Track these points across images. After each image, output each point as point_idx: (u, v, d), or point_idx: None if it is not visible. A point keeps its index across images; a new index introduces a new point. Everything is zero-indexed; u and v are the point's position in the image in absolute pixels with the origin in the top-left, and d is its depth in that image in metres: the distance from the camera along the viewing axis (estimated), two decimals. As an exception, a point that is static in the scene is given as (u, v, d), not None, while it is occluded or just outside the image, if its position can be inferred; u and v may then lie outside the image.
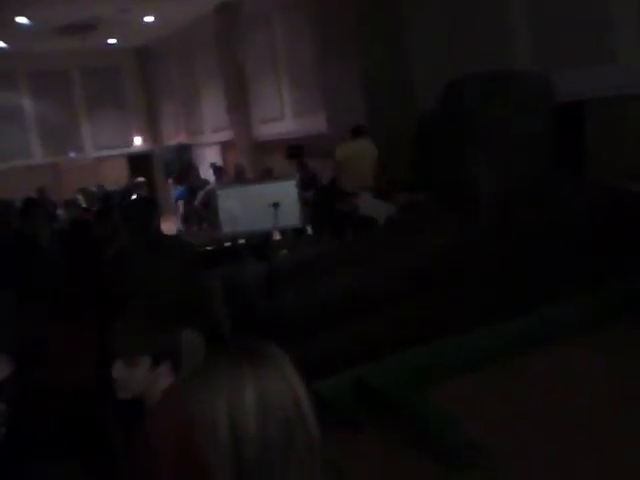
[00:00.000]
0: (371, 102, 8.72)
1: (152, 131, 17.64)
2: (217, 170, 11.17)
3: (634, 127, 6.58)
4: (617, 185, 5.44)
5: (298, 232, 7.16)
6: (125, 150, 17.17)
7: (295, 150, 9.82)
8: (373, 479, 2.98)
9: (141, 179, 11.12)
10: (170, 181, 13.35)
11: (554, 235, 4.61)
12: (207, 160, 14.09)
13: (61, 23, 12.23)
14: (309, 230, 7.59)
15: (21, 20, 11.72)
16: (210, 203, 8.63)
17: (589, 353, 4.05)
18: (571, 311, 4.41)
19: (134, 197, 9.29)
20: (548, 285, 4.43)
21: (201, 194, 10.69)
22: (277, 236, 7.21)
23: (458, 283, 4.35)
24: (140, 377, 1.84)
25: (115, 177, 15.10)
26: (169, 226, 10.69)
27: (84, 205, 9.79)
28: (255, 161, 12.65)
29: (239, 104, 13.11)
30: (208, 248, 7.35)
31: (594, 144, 7.00)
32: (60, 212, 9.53)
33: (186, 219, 11.59)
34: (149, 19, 13.26)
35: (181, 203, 11.81)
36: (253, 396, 1.06)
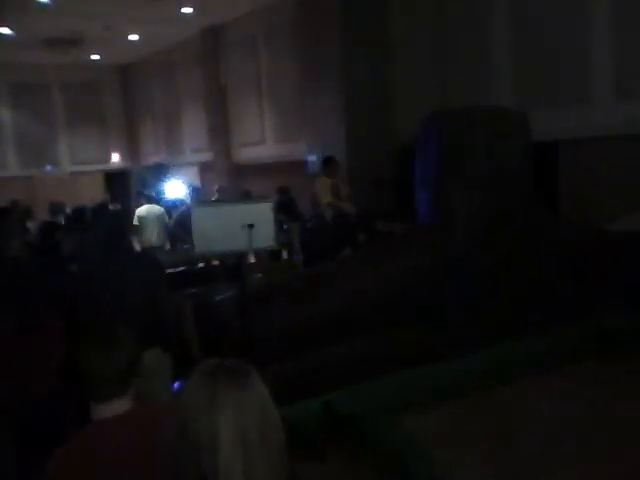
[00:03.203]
0: (352, 132, 8.80)
1: (131, 149, 17.53)
2: (194, 191, 11.12)
3: (606, 168, 6.74)
4: (590, 223, 5.54)
5: (273, 256, 7.13)
6: (102, 166, 17.01)
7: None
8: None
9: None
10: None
11: (529, 268, 4.66)
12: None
13: (45, 36, 12.18)
14: (284, 254, 7.56)
15: (4, 31, 11.65)
16: (185, 223, 8.55)
17: (561, 386, 4.07)
18: (545, 343, 4.43)
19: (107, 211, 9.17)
20: (522, 318, 4.46)
21: (176, 214, 10.60)
22: (252, 259, 7.17)
23: (431, 314, 4.36)
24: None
25: (91, 193, 14.91)
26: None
27: (49, 219, 9.64)
28: (232, 183, 12.63)
29: (220, 126, 13.13)
30: (180, 268, 7.25)
31: (567, 183, 7.15)
32: (30, 225, 9.35)
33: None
34: (133, 37, 13.28)
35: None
36: (227, 413, 1.04)
